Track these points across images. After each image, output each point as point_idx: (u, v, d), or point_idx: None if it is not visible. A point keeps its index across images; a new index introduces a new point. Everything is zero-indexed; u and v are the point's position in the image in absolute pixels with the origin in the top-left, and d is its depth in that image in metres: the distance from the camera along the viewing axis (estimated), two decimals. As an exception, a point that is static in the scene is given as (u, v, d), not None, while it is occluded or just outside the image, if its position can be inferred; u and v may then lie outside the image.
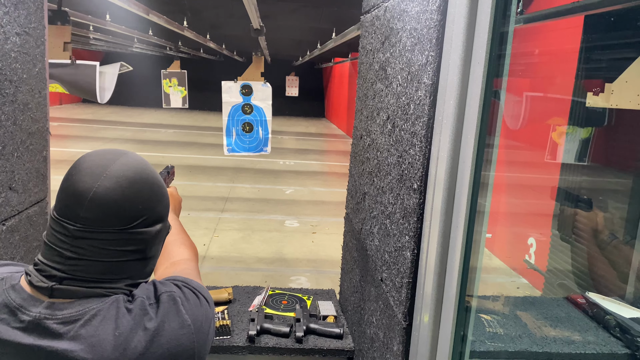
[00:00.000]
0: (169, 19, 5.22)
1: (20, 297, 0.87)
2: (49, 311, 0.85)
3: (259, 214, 7.26)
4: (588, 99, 1.94)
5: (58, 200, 0.90)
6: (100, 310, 0.87)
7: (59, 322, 0.85)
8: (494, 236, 1.23)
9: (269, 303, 2.14)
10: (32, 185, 1.75)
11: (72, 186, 0.88)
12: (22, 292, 0.88)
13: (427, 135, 1.16)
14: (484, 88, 0.97)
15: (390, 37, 1.51)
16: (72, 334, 0.85)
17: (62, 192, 0.90)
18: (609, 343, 1.43)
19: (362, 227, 1.81)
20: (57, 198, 0.90)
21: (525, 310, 1.63)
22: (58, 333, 0.84)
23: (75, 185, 0.88)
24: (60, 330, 0.84)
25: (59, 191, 0.91)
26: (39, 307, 0.86)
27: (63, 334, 0.84)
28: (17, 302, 0.86)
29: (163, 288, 0.95)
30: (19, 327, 0.84)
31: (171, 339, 0.90)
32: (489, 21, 0.95)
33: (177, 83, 7.63)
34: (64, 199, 0.89)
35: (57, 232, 0.88)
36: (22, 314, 0.85)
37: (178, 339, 0.91)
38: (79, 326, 0.85)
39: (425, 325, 1.15)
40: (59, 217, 0.88)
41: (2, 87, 1.52)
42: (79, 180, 0.88)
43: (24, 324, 0.85)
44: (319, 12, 5.87)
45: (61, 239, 0.87)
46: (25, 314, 0.85)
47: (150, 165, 0.98)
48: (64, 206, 0.88)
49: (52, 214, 0.90)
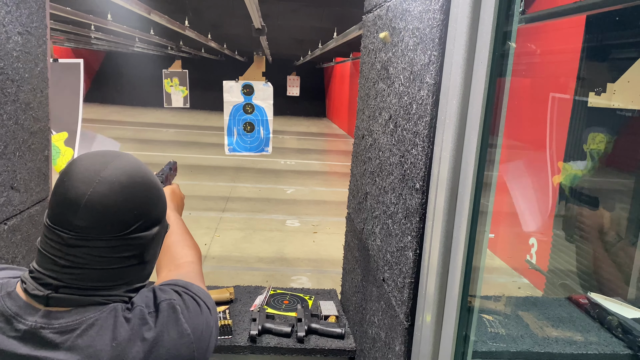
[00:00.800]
0: (170, 19, 5.22)
1: (16, 305, 0.85)
2: (45, 320, 0.83)
3: (260, 214, 7.26)
4: (590, 98, 1.94)
5: (50, 207, 0.87)
6: (98, 319, 0.85)
7: (55, 332, 0.83)
8: (495, 236, 1.23)
9: (271, 303, 2.14)
10: (34, 185, 1.75)
11: (64, 193, 0.85)
12: (18, 299, 0.85)
13: (430, 135, 1.15)
14: (487, 87, 0.96)
15: (392, 36, 1.51)
16: (68, 344, 0.83)
17: (54, 199, 0.87)
18: (611, 344, 1.43)
19: (363, 227, 1.81)
20: (50, 205, 0.87)
21: (527, 310, 1.63)
22: (54, 343, 0.82)
23: (68, 192, 0.85)
24: (56, 340, 0.82)
25: (51, 197, 0.88)
26: (35, 315, 0.84)
27: (59, 344, 0.82)
28: (13, 310, 0.84)
29: (163, 296, 0.93)
30: (14, 337, 0.82)
31: (170, 349, 0.88)
32: (492, 20, 0.94)
33: (179, 83, 7.63)
34: (56, 207, 0.86)
35: (51, 240, 0.85)
36: (17, 322, 0.83)
37: (177, 349, 0.88)
38: (75, 336, 0.83)
39: (428, 325, 1.15)
40: (53, 225, 0.85)
41: (4, 86, 1.52)
42: (71, 186, 0.85)
43: (19, 333, 0.83)
44: (320, 11, 5.87)
45: (55, 247, 0.84)
46: (21, 322, 0.83)
47: (145, 166, 0.94)
48: (56, 214, 0.85)
49: (45, 222, 0.87)
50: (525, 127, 2.66)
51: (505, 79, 0.98)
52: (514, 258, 3.91)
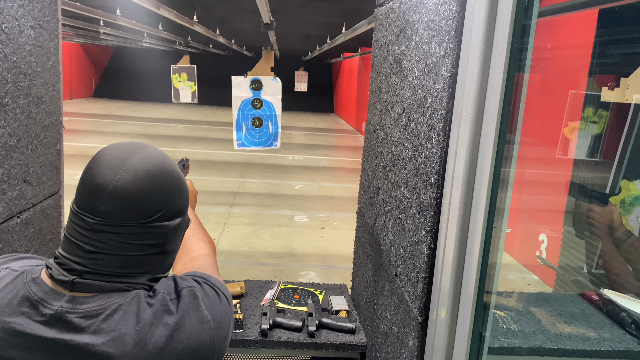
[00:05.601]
0: (179, 14, 5.23)
1: (41, 290, 0.87)
2: (70, 305, 0.85)
3: (269, 209, 7.27)
4: (603, 93, 1.91)
5: (78, 193, 0.89)
6: (122, 304, 0.87)
7: (80, 316, 0.85)
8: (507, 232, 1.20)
9: (281, 297, 2.13)
10: (46, 179, 1.75)
11: (91, 179, 0.88)
12: (44, 285, 0.87)
13: (445, 129, 1.14)
14: (505, 80, 0.95)
15: (405, 29, 1.50)
16: (93, 328, 0.84)
17: (81, 185, 0.89)
18: (625, 340, 1.42)
19: (375, 221, 1.80)
20: (77, 191, 0.90)
21: (539, 306, 1.62)
22: (80, 327, 0.84)
23: (95, 178, 0.87)
24: (82, 324, 0.84)
25: (78, 184, 0.90)
26: (60, 300, 0.86)
27: (85, 328, 0.84)
28: (39, 295, 0.86)
29: (184, 283, 0.95)
30: (40, 321, 0.84)
31: (191, 335, 0.90)
32: (510, 11, 0.93)
33: (187, 78, 7.62)
34: (83, 192, 0.88)
35: (77, 225, 0.87)
36: (43, 307, 0.85)
37: (198, 335, 0.91)
38: (100, 320, 0.85)
39: (442, 320, 1.14)
40: (79, 210, 0.88)
41: (17, 80, 1.52)
42: (99, 173, 0.87)
43: (45, 318, 0.84)
44: (329, 6, 5.84)
45: (81, 232, 0.87)
46: (47, 307, 0.85)
47: (170, 158, 0.97)
48: (83, 199, 0.88)
49: (72, 207, 0.90)
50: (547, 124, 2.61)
51: (524, 72, 0.97)
52: (523, 254, 3.89)
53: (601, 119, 2.02)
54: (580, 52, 2.31)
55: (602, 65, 2.06)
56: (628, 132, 1.86)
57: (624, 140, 1.85)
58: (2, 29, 1.43)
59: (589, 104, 2.05)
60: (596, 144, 2.05)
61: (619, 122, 1.90)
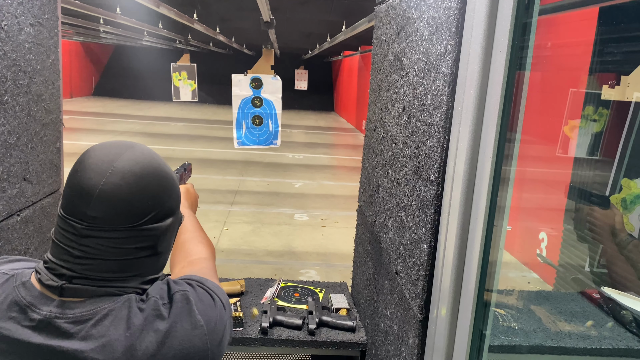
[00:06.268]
0: (179, 12, 5.22)
1: (30, 295, 0.85)
2: (59, 310, 0.83)
3: (269, 207, 7.27)
4: (603, 91, 1.91)
5: (64, 197, 0.87)
6: (112, 310, 0.85)
7: (69, 322, 0.83)
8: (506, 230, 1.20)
9: (281, 295, 2.13)
10: (46, 177, 1.75)
11: (77, 183, 0.85)
12: (33, 289, 0.86)
13: (446, 126, 1.14)
14: (505, 78, 0.95)
15: (406, 27, 1.49)
16: (82, 334, 0.83)
17: (68, 189, 0.87)
18: (625, 338, 1.42)
19: (375, 219, 1.80)
20: (63, 195, 0.87)
21: (539, 304, 1.62)
22: (69, 333, 0.82)
23: (81, 182, 0.84)
24: (70, 330, 0.83)
25: (64, 188, 0.88)
26: (49, 305, 0.84)
27: (74, 333, 0.83)
28: (28, 300, 0.84)
29: (176, 287, 0.93)
30: (29, 326, 0.83)
31: (183, 340, 0.87)
32: (511, 9, 0.93)
33: (187, 76, 7.62)
34: (70, 197, 0.86)
35: (65, 230, 0.85)
36: (32, 312, 0.83)
37: (190, 340, 0.88)
38: (89, 326, 0.83)
39: (443, 318, 1.14)
40: (66, 215, 0.85)
41: (17, 77, 1.52)
42: (84, 177, 0.85)
43: (34, 323, 0.83)
44: (329, 4, 5.83)
45: (69, 237, 0.85)
46: (36, 312, 0.83)
47: (159, 157, 0.94)
48: (70, 204, 0.85)
49: (59, 212, 0.87)
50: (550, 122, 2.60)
51: (525, 70, 0.97)
52: (523, 252, 3.89)
53: (601, 117, 2.02)
54: (580, 50, 2.31)
55: (603, 63, 2.06)
56: (628, 130, 1.86)
57: (625, 139, 1.85)
58: (1, 26, 1.43)
59: (589, 102, 2.05)
60: (596, 142, 2.05)
61: (620, 121, 1.90)
